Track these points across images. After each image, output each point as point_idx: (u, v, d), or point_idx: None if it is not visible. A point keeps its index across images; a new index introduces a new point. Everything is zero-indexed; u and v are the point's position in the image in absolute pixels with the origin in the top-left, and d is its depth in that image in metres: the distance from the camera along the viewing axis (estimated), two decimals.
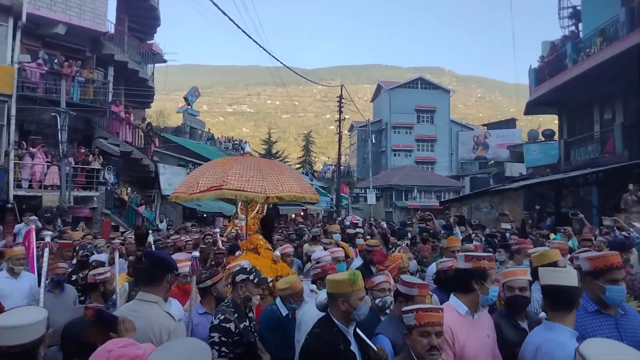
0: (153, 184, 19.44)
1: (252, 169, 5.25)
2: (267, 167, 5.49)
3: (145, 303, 2.77)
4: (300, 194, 5.45)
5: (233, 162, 5.48)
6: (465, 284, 2.77)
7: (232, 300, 3.39)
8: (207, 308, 3.74)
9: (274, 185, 5.21)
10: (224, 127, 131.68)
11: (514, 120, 49.93)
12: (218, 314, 3.26)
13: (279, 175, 5.40)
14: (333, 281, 2.72)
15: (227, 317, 3.19)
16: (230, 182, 4.96)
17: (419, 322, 2.35)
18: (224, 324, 3.15)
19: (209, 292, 3.75)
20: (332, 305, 2.72)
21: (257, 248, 5.07)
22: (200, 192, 5.05)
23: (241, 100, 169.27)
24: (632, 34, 13.05)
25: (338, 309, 2.66)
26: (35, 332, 1.83)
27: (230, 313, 3.26)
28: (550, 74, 18.13)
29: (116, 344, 1.66)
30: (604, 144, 15.73)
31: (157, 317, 2.72)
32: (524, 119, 40.50)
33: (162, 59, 25.02)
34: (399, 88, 56.22)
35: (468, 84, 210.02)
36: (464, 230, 9.19)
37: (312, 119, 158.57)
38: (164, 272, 2.90)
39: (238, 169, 5.19)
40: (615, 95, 16.01)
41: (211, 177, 5.13)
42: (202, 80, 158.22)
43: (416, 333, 2.36)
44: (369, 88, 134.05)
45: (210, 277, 3.73)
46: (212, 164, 5.73)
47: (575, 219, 9.20)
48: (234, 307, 3.36)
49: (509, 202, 16.61)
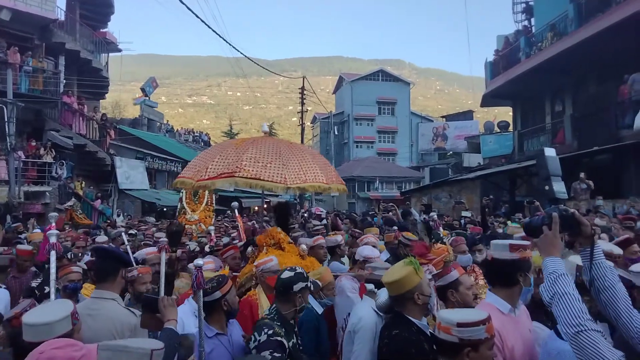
0: (109, 178, 18.85)
1: (270, 153, 4.54)
2: (288, 152, 4.72)
3: (102, 300, 2.69)
4: (325, 185, 4.75)
5: (249, 144, 4.67)
6: (511, 277, 2.49)
7: (277, 312, 2.80)
8: (218, 327, 2.89)
9: (296, 174, 4.50)
10: (183, 118, 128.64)
11: (471, 112, 51.41)
12: (263, 329, 2.67)
13: (302, 162, 4.68)
14: (401, 280, 2.46)
15: (277, 331, 2.66)
16: (244, 169, 4.25)
17: (491, 334, 1.99)
18: (274, 338, 2.63)
19: (217, 307, 2.89)
20: (404, 304, 2.49)
21: (280, 243, 4.43)
22: (209, 179, 4.36)
23: (201, 91, 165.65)
24: (580, 30, 13.66)
25: (414, 305, 2.46)
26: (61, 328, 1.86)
27: (277, 327, 2.70)
28: (504, 67, 18.76)
29: (50, 345, 1.58)
30: (555, 134, 16.45)
31: (117, 315, 2.66)
32: (480, 111, 41.78)
33: (117, 48, 24.16)
34: (360, 80, 56.60)
35: (427, 77, 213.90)
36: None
37: (274, 110, 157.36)
38: (117, 267, 2.83)
39: (254, 152, 4.47)
40: (566, 88, 16.75)
41: (222, 161, 4.43)
42: (160, 70, 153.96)
43: (485, 348, 1.99)
44: (330, 80, 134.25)
45: (219, 287, 2.90)
46: (224, 145, 4.96)
47: (532, 207, 9.57)
48: (281, 321, 2.77)
49: (467, 191, 17.11)
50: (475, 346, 1.96)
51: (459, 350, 1.98)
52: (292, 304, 2.80)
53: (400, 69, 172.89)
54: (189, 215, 9.90)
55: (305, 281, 2.88)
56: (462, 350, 1.98)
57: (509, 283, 2.48)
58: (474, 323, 1.97)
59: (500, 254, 2.52)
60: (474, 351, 1.97)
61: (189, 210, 9.98)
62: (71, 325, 1.92)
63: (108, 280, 2.75)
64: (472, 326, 1.97)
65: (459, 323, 1.97)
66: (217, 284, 2.92)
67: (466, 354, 1.97)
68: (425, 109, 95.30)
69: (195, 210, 10.09)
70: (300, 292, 2.82)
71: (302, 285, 2.83)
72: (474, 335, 1.96)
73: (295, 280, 2.84)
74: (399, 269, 2.56)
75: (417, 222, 8.73)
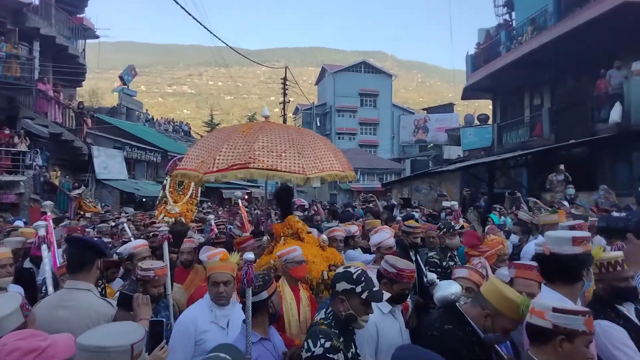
0: (86, 168, 18.50)
1: (283, 141, 4.20)
2: (300, 139, 4.41)
3: (77, 291, 2.61)
4: (342, 173, 4.47)
5: (257, 131, 4.30)
6: (574, 273, 2.33)
7: (334, 315, 2.38)
8: (261, 332, 2.60)
9: (313, 163, 4.19)
10: (163, 108, 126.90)
11: (452, 105, 51.82)
12: (319, 339, 2.22)
13: (316, 149, 4.39)
14: (503, 296, 2.22)
15: (335, 345, 2.22)
16: (258, 159, 3.92)
17: (589, 330, 1.84)
18: (330, 355, 2.18)
19: (262, 309, 2.60)
20: (474, 306, 2.32)
21: (298, 233, 4.14)
22: (218, 171, 4.00)
23: (182, 80, 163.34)
24: (559, 24, 13.86)
25: (478, 316, 2.27)
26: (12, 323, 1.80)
27: (335, 337, 2.27)
28: (485, 60, 18.94)
29: (13, 337, 1.55)
30: (533, 128, 16.71)
31: (93, 305, 2.59)
32: (461, 103, 42.18)
33: (94, 34, 23.56)
34: (343, 71, 56.45)
35: (409, 69, 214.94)
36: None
37: (256, 100, 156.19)
38: (94, 257, 2.76)
39: (265, 141, 4.12)
40: (544, 82, 17.02)
41: (231, 151, 4.07)
42: (139, 58, 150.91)
43: (581, 342, 1.83)
44: (313, 71, 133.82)
45: (265, 287, 2.58)
46: (228, 133, 4.52)
47: (514, 198, 9.72)
48: (339, 327, 2.35)
49: (447, 183, 17.33)
50: (570, 336, 1.82)
51: (551, 337, 1.85)
52: (336, 307, 2.39)
53: (382, 61, 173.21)
54: (169, 207, 8.89)
55: (352, 283, 2.35)
56: (554, 338, 1.84)
57: (571, 279, 2.33)
58: (573, 312, 1.85)
59: (560, 247, 2.33)
60: (568, 341, 1.82)
61: (170, 201, 9.01)
62: (23, 318, 1.87)
63: (84, 271, 2.68)
64: (570, 314, 1.83)
65: (556, 308, 1.84)
66: (264, 282, 2.58)
67: (559, 342, 1.83)
68: (407, 102, 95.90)
69: (178, 201, 9.10)
70: (343, 293, 2.36)
71: (345, 287, 2.36)
72: (570, 324, 1.81)
73: (339, 279, 2.42)
74: (516, 296, 2.25)
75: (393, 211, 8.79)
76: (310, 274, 3.65)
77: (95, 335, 1.59)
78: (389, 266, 2.92)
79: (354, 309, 2.32)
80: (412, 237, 4.68)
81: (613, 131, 12.01)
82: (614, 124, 11.93)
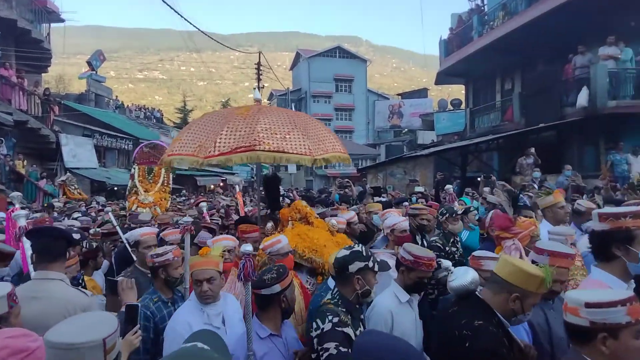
0: (54, 156, 17.94)
1: (285, 123, 4.05)
2: (300, 121, 4.26)
3: (48, 282, 2.54)
4: (344, 154, 4.39)
5: (256, 113, 4.13)
6: (605, 250, 2.27)
7: (341, 295, 2.46)
8: (272, 327, 2.48)
9: (317, 144, 4.07)
10: (134, 94, 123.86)
11: (425, 90, 52.14)
12: (327, 316, 2.30)
13: (317, 131, 4.26)
14: (521, 271, 2.09)
15: (343, 320, 2.29)
16: (264, 142, 3.79)
17: (636, 318, 1.60)
18: (339, 328, 2.25)
19: (274, 303, 2.48)
20: (497, 293, 2.15)
21: (307, 217, 4.01)
22: (220, 154, 3.80)
23: (152, 66, 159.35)
24: (529, 9, 14.07)
25: (504, 302, 2.12)
26: None
27: (343, 314, 2.34)
28: (458, 45, 19.11)
29: (4, 334, 1.47)
30: (504, 112, 17.02)
31: (67, 295, 2.53)
32: (435, 88, 42.58)
33: (59, 18, 22.68)
34: (317, 57, 56.06)
35: (384, 54, 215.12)
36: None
37: (230, 86, 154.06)
38: (66, 247, 2.72)
39: (267, 123, 3.97)
40: (515, 67, 17.30)
41: (233, 134, 3.89)
42: (107, 43, 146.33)
43: (629, 335, 1.60)
44: (287, 56, 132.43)
45: (279, 280, 2.46)
46: (224, 115, 4.30)
47: (489, 182, 9.87)
48: (346, 306, 2.41)
49: (421, 168, 17.53)
50: (613, 332, 1.60)
51: (591, 336, 1.65)
52: (351, 287, 2.44)
53: (357, 46, 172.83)
54: (142, 197, 8.63)
55: (364, 260, 2.45)
56: (595, 337, 1.63)
57: (606, 257, 2.27)
58: (608, 303, 1.61)
59: (594, 225, 2.32)
60: (612, 338, 1.61)
61: (141, 190, 8.73)
62: (7, 307, 1.82)
63: (57, 261, 2.62)
64: (606, 307, 1.60)
65: (588, 303, 1.63)
66: (277, 275, 2.47)
67: (601, 341, 1.62)
68: (382, 87, 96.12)
69: (149, 190, 8.85)
70: (359, 272, 2.43)
71: (359, 266, 2.43)
72: (609, 319, 1.60)
73: (350, 260, 2.45)
74: (534, 267, 2.18)
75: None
76: (323, 257, 3.51)
77: (64, 330, 1.50)
78: (406, 253, 2.86)
79: (368, 283, 2.45)
80: (419, 219, 4.64)
81: (580, 115, 12.34)
82: (581, 108, 12.25)
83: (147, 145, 9.45)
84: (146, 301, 2.91)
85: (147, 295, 3.00)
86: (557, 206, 4.29)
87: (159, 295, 2.99)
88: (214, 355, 1.31)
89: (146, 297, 2.96)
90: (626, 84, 12.27)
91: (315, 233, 3.71)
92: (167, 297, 3.02)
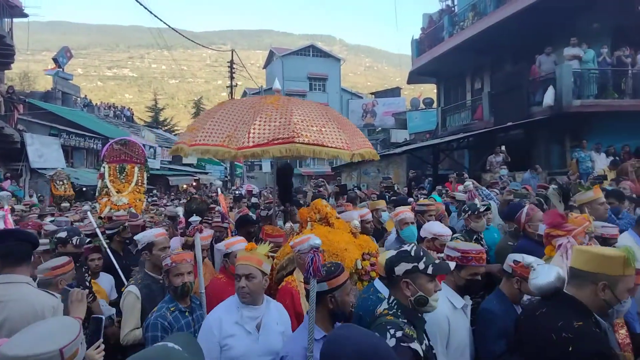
0: (19, 156, 17.36)
1: (319, 115, 3.85)
2: (332, 115, 4.02)
3: (13, 285, 2.47)
4: (374, 151, 4.18)
5: (288, 104, 3.90)
6: None
7: (398, 304, 2.14)
8: (322, 327, 2.27)
9: (351, 139, 3.84)
10: (103, 92, 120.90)
11: (398, 89, 52.71)
12: (388, 329, 1.97)
13: (349, 125, 4.06)
14: (598, 255, 1.96)
15: (408, 334, 1.97)
16: (301, 134, 3.56)
17: None
18: (405, 344, 1.92)
19: (321, 302, 2.26)
20: (582, 287, 1.99)
21: (327, 217, 3.69)
22: (256, 146, 3.57)
23: (122, 63, 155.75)
24: (497, 10, 14.39)
25: (593, 295, 1.95)
26: None
27: (407, 327, 2.02)
28: (429, 45, 19.37)
29: None
30: (474, 111, 17.36)
31: (34, 297, 2.48)
32: (407, 88, 43.08)
33: (23, 12, 21.86)
34: (291, 55, 55.89)
35: (357, 53, 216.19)
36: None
37: (203, 84, 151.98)
38: (30, 249, 2.65)
39: (301, 114, 3.74)
40: (484, 67, 17.68)
41: (267, 124, 3.66)
42: (75, 40, 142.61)
43: None
44: (261, 54, 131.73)
45: (328, 278, 2.26)
46: (251, 105, 3.99)
47: (462, 179, 10.03)
48: (407, 316, 2.10)
49: (394, 166, 17.72)
50: None
51: None
52: (401, 293, 2.13)
53: (330, 45, 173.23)
54: (114, 198, 7.95)
55: (412, 261, 2.12)
56: None
57: None
58: None
59: None
60: None
61: (113, 191, 8.12)
62: None
63: (23, 264, 2.56)
64: None
65: None
66: (327, 273, 2.26)
67: None
68: (355, 86, 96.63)
69: (122, 190, 8.24)
70: (406, 276, 2.12)
71: (406, 267, 2.12)
72: None
73: (396, 261, 2.17)
74: (607, 249, 2.06)
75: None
76: (344, 262, 3.19)
77: (20, 341, 1.44)
78: (451, 250, 2.65)
79: (422, 289, 2.10)
80: (427, 215, 4.54)
81: (546, 114, 12.70)
82: (547, 107, 12.61)
83: (118, 142, 8.89)
84: (163, 311, 2.74)
85: (163, 304, 2.82)
86: (597, 202, 4.04)
87: (176, 304, 2.81)
88: (184, 355, 1.28)
89: (163, 306, 2.78)
90: (590, 84, 12.70)
91: (336, 235, 3.45)
92: (185, 306, 2.84)
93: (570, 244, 2.86)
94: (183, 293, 2.82)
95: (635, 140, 11.27)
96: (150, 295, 3.15)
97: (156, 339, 2.56)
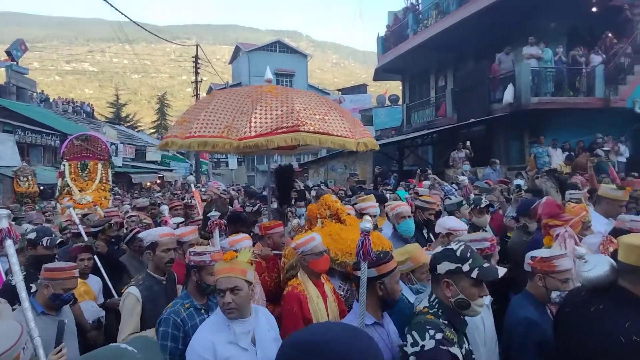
0: None
1: (320, 103, 3.74)
2: (332, 103, 3.91)
3: None
4: (374, 140, 4.07)
5: (286, 92, 3.77)
6: None
7: (440, 303, 2.04)
8: (373, 314, 2.27)
9: (354, 128, 3.74)
10: (61, 87, 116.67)
11: (365, 86, 53.04)
12: (427, 330, 1.89)
13: (348, 114, 3.95)
14: None
15: (448, 337, 1.88)
16: (306, 122, 3.43)
17: None
18: (444, 347, 1.83)
19: (371, 289, 2.24)
20: (638, 283, 1.84)
21: (338, 214, 3.55)
22: (259, 136, 3.38)
23: (81, 57, 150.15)
24: (460, 9, 14.71)
25: None
26: None
27: (447, 329, 1.93)
28: (394, 43, 19.62)
29: None
30: (438, 108, 17.72)
31: None
32: (373, 84, 43.47)
33: None
34: (257, 51, 55.45)
35: (324, 50, 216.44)
36: None
37: (167, 80, 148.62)
38: None
39: (303, 103, 3.62)
40: (448, 64, 18.06)
41: (269, 113, 3.51)
42: (30, 32, 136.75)
43: None
44: (227, 49, 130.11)
45: (377, 264, 2.25)
46: (248, 94, 3.82)
47: (426, 175, 10.21)
48: (448, 317, 2.00)
49: (361, 162, 17.88)
50: None
51: None
52: (442, 292, 2.03)
53: (297, 41, 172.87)
54: (77, 197, 7.57)
55: (456, 262, 1.99)
56: None
57: None
58: None
59: None
60: None
61: (75, 190, 7.75)
62: None
63: None
64: None
65: None
66: (377, 259, 2.23)
67: None
68: (322, 82, 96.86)
69: (85, 189, 7.86)
70: (447, 276, 2.00)
71: (448, 267, 2.00)
72: None
73: (439, 259, 2.05)
74: None
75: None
76: None
77: None
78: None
79: (464, 292, 1.96)
80: (427, 213, 4.43)
81: (506, 110, 13.10)
82: (507, 104, 13.01)
83: (78, 138, 8.41)
84: (177, 307, 2.61)
85: (178, 300, 2.70)
86: (620, 203, 3.98)
87: (192, 301, 2.68)
88: (137, 357, 1.23)
89: (177, 302, 2.66)
90: (547, 82, 13.18)
91: (349, 233, 3.29)
92: (201, 304, 2.71)
93: (568, 233, 2.89)
94: (210, 291, 2.68)
95: (589, 136, 11.81)
96: (151, 297, 2.98)
97: (166, 335, 2.47)
